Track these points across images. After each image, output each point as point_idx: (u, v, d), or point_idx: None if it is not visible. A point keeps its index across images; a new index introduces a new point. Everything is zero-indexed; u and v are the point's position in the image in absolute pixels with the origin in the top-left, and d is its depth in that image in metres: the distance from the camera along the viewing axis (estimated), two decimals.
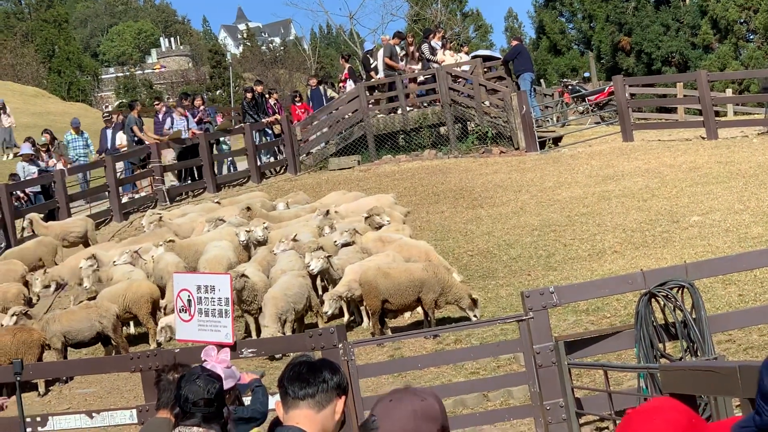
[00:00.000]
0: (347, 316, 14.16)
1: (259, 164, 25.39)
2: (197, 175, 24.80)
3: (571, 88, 34.20)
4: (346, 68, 28.20)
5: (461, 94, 25.44)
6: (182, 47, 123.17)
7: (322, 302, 13.61)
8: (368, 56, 27.39)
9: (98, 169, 23.83)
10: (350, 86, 26.84)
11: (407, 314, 13.70)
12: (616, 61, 54.74)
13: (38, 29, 74.18)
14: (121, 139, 24.45)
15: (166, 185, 23.72)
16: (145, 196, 24.00)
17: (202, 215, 18.88)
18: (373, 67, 26.57)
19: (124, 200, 23.20)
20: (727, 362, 7.14)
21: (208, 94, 69.81)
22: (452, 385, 10.41)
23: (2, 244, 20.07)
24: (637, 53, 53.77)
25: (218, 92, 77.04)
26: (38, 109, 44.84)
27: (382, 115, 26.25)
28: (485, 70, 26.93)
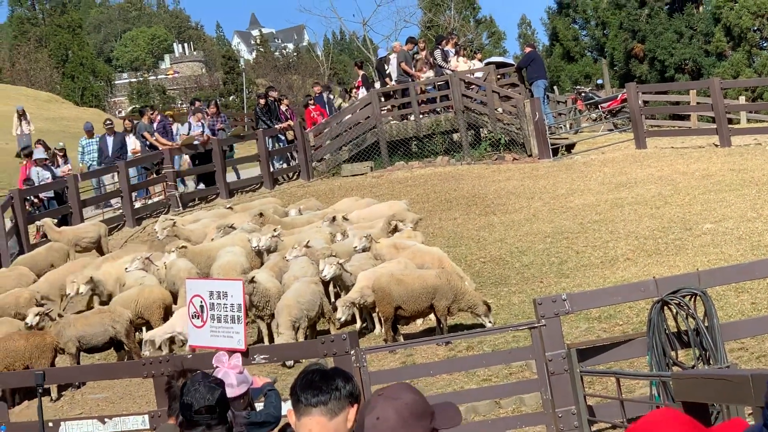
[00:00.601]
0: (360, 322, 14.17)
1: (271, 170, 25.43)
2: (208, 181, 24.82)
3: (584, 95, 34.10)
4: (360, 75, 28.29)
5: (474, 100, 25.46)
6: (195, 53, 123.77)
7: (334, 309, 13.61)
8: (383, 63, 27.45)
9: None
10: (363, 94, 26.90)
11: (419, 321, 13.69)
12: (629, 68, 54.71)
13: (52, 34, 74.36)
14: (134, 144, 24.49)
15: (180, 190, 23.77)
16: (158, 201, 24.06)
17: (214, 221, 18.88)
18: (387, 73, 26.62)
19: (137, 206, 23.25)
20: (739, 370, 7.14)
21: (221, 99, 69.91)
22: (464, 392, 10.41)
23: (15, 249, 20.11)
24: (650, 60, 53.70)
25: (231, 98, 77.22)
26: (52, 114, 44.96)
27: (395, 121, 26.29)
28: (498, 76, 26.92)
